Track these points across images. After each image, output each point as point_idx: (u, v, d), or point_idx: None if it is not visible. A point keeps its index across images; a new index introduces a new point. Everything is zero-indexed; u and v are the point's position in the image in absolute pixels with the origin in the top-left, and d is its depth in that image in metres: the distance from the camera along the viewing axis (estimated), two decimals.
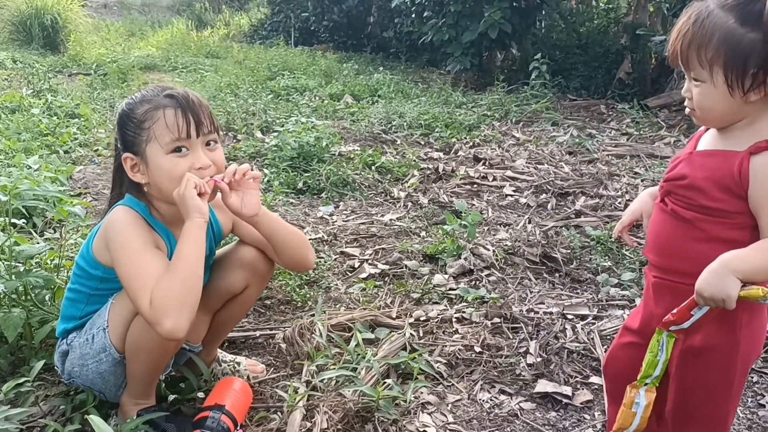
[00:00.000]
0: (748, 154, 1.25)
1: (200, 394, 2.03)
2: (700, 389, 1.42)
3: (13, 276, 2.06)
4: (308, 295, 2.70)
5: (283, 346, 2.30)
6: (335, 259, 3.09)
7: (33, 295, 2.14)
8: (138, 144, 1.70)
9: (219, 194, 1.76)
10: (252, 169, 1.77)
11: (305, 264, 2.00)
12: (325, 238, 3.33)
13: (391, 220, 3.65)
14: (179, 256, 1.62)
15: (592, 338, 2.41)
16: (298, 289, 2.72)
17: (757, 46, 1.21)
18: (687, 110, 1.36)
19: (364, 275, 2.93)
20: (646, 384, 1.38)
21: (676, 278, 1.38)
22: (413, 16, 9.21)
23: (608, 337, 2.42)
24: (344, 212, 3.82)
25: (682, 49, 1.29)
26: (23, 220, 2.98)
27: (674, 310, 1.32)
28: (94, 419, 1.43)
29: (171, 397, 2.01)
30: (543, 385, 2.13)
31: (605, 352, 2.30)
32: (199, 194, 1.65)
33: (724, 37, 1.22)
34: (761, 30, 1.20)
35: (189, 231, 1.64)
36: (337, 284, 2.83)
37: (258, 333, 2.44)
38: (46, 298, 2.21)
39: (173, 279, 1.57)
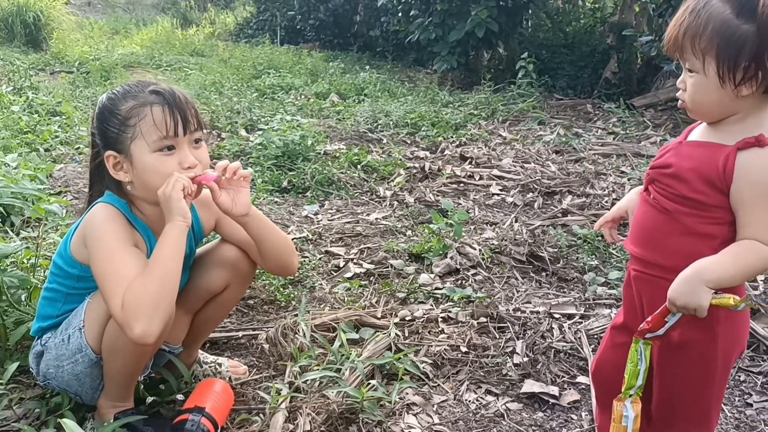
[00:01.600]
0: (735, 149, 1.24)
1: (180, 396, 1.98)
2: (681, 384, 1.41)
3: None
4: (292, 295, 2.66)
5: (266, 346, 2.26)
6: (320, 259, 3.05)
7: (8, 295, 2.09)
8: (122, 141, 1.65)
9: (204, 190, 1.72)
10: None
11: (289, 269, 1.97)
12: (310, 237, 3.29)
13: (376, 219, 3.62)
14: (157, 258, 1.58)
15: (579, 338, 2.39)
16: (281, 289, 2.68)
17: (750, 38, 1.19)
18: (679, 102, 1.35)
19: (349, 275, 2.89)
20: (630, 396, 1.37)
21: (655, 272, 1.37)
22: (400, 15, 9.20)
23: (595, 336, 2.40)
24: (329, 211, 3.78)
25: (677, 38, 1.27)
26: None
27: (648, 318, 1.31)
28: (68, 423, 1.39)
29: (150, 400, 1.96)
30: (530, 385, 2.11)
31: (593, 352, 2.28)
32: (185, 196, 1.61)
33: (719, 28, 1.21)
34: (756, 23, 1.19)
35: (169, 234, 1.60)
36: (321, 284, 2.80)
37: (240, 333, 2.40)
38: (22, 298, 2.16)
39: (148, 281, 1.53)
